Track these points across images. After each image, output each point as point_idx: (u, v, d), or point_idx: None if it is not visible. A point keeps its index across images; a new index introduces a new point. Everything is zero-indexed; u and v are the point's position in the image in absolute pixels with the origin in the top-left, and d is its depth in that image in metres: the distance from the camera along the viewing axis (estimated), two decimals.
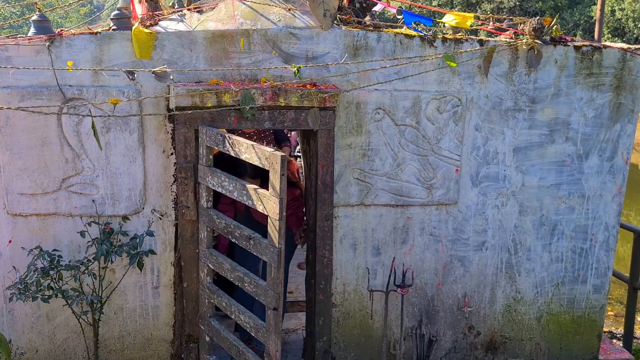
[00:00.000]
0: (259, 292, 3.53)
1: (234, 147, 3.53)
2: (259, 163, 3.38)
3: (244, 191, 3.51)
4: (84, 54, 3.71)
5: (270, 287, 3.43)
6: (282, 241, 3.33)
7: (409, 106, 4.03)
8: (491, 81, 4.08)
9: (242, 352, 3.72)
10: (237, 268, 3.69)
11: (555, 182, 4.31)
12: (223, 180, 3.63)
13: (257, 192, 3.41)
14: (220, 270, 3.81)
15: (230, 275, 3.74)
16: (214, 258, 3.83)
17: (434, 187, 4.18)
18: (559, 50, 4.08)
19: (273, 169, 3.26)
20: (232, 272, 3.71)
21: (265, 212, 3.37)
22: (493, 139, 4.18)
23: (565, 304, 4.54)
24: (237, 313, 3.75)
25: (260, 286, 3.51)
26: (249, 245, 3.55)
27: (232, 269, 3.71)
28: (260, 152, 3.35)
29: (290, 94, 3.73)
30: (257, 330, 3.59)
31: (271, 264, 3.39)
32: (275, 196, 3.27)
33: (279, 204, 3.25)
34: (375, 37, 3.94)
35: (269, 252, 3.39)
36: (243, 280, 3.64)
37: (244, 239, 3.57)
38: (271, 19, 3.93)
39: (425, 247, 4.30)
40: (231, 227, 3.65)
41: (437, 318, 4.43)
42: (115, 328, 4.13)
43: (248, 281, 3.60)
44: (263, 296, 3.49)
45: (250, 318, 3.66)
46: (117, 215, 3.94)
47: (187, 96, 3.65)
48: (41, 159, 3.79)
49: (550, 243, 4.41)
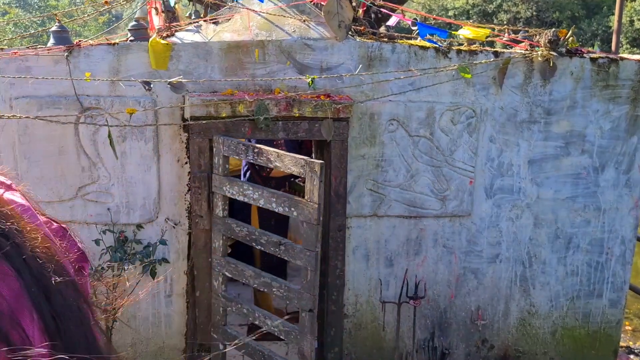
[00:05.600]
0: (291, 295, 3.60)
1: (259, 156, 3.57)
2: (292, 171, 3.48)
3: (272, 199, 3.56)
4: (102, 65, 3.76)
5: (305, 290, 3.52)
6: (318, 245, 3.47)
7: (423, 117, 4.02)
8: (506, 93, 4.07)
9: (267, 356, 3.76)
10: (263, 274, 3.73)
11: (571, 194, 4.27)
12: (246, 188, 3.66)
13: (293, 199, 3.52)
14: (241, 278, 3.83)
15: (254, 281, 3.77)
16: (232, 266, 3.84)
17: (447, 198, 4.16)
18: (574, 62, 4.05)
19: (310, 176, 3.36)
20: (257, 279, 3.74)
21: (301, 219, 3.47)
22: (508, 150, 4.16)
23: (581, 318, 4.48)
24: (263, 318, 3.77)
25: (293, 290, 3.59)
26: (278, 251, 3.62)
27: (256, 275, 3.75)
28: (295, 160, 3.44)
29: (304, 104, 3.74)
30: (288, 333, 3.64)
31: (307, 267, 3.48)
32: (313, 202, 3.38)
33: (317, 209, 3.36)
34: (389, 49, 3.95)
35: (305, 256, 3.48)
36: (271, 285, 3.69)
37: (272, 245, 3.63)
38: (286, 29, 3.95)
39: (438, 258, 4.28)
40: (255, 235, 3.69)
41: (450, 331, 4.39)
42: (128, 335, 4.15)
43: (277, 286, 3.66)
44: (297, 299, 3.56)
45: (279, 322, 3.69)
46: (132, 223, 3.98)
47: (201, 106, 3.68)
48: (58, 168, 3.85)
49: (566, 256, 4.36)
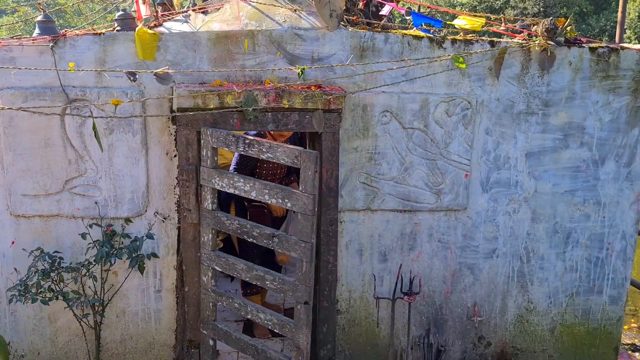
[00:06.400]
0: (285, 288, 3.56)
1: (251, 147, 3.50)
2: (286, 162, 3.43)
3: (265, 190, 3.50)
4: (88, 55, 3.69)
5: (301, 281, 3.48)
6: (314, 236, 3.42)
7: (417, 109, 3.93)
8: (502, 83, 3.96)
9: (261, 350, 3.69)
10: (255, 267, 3.69)
11: (570, 188, 4.16)
12: (237, 180, 3.59)
13: (286, 189, 3.48)
14: (233, 272, 3.75)
15: (246, 275, 3.70)
16: (222, 260, 3.77)
17: (442, 192, 4.06)
18: (573, 51, 3.94)
19: (305, 166, 3.32)
20: (249, 272, 3.68)
21: (295, 210, 3.44)
22: (504, 143, 4.06)
23: (580, 315, 4.37)
24: (255, 312, 3.71)
25: (287, 282, 3.56)
26: (271, 243, 3.56)
27: (248, 269, 3.69)
28: (288, 150, 3.41)
29: (294, 95, 3.65)
30: (283, 326, 3.62)
31: (302, 259, 3.44)
32: (308, 193, 3.35)
33: (312, 200, 3.33)
34: (382, 38, 3.85)
35: (300, 248, 3.45)
36: (264, 278, 3.64)
37: (265, 238, 3.58)
38: (276, 19, 3.87)
39: (433, 254, 4.18)
40: (247, 227, 3.62)
41: (446, 327, 4.30)
42: (117, 331, 4.09)
43: (270, 279, 3.62)
44: (291, 292, 3.53)
45: (273, 315, 3.64)
46: (120, 217, 3.91)
47: (189, 97, 3.60)
48: (44, 160, 3.78)
49: (565, 251, 4.25)
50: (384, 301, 4.19)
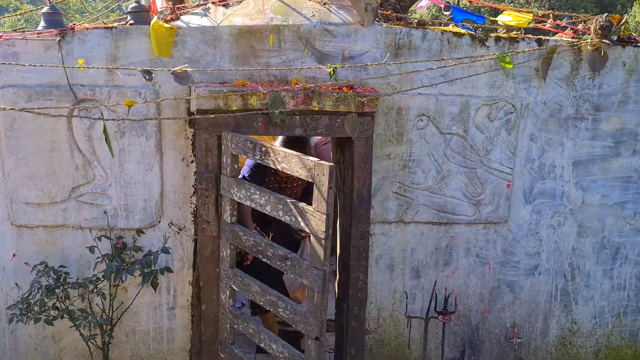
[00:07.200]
0: (296, 319, 3.14)
1: (267, 155, 3.13)
2: (300, 175, 2.99)
3: (279, 205, 3.11)
4: (98, 51, 3.36)
5: (311, 314, 3.05)
6: (327, 262, 2.94)
7: (456, 113, 3.60)
8: (550, 85, 3.63)
9: None
10: (269, 291, 3.30)
11: (620, 200, 3.83)
12: (253, 192, 3.24)
13: (299, 207, 3.01)
14: (248, 293, 3.42)
15: (260, 299, 3.35)
16: (239, 279, 3.43)
17: (481, 203, 3.74)
18: (627, 51, 3.62)
19: (319, 181, 2.87)
20: (263, 296, 3.32)
21: (307, 230, 2.98)
22: (550, 150, 3.73)
23: (627, 336, 4.05)
24: (268, 341, 3.35)
25: (299, 312, 3.13)
26: (284, 267, 3.16)
27: (262, 292, 3.32)
28: (303, 161, 2.95)
29: (324, 97, 3.32)
30: None
31: (313, 288, 3.00)
32: (320, 212, 2.88)
33: (325, 221, 2.86)
34: (419, 35, 3.52)
35: (311, 275, 3.00)
36: (276, 304, 3.25)
37: (278, 259, 3.18)
38: (304, 13, 3.54)
39: (470, 269, 3.85)
40: (262, 246, 3.26)
41: (482, 349, 3.97)
42: (126, 352, 3.76)
43: (283, 306, 3.21)
44: (302, 324, 3.11)
45: (285, 347, 3.26)
46: (131, 228, 3.58)
47: (209, 98, 3.27)
48: (49, 166, 3.45)
49: (612, 268, 3.93)
50: (416, 320, 3.86)
